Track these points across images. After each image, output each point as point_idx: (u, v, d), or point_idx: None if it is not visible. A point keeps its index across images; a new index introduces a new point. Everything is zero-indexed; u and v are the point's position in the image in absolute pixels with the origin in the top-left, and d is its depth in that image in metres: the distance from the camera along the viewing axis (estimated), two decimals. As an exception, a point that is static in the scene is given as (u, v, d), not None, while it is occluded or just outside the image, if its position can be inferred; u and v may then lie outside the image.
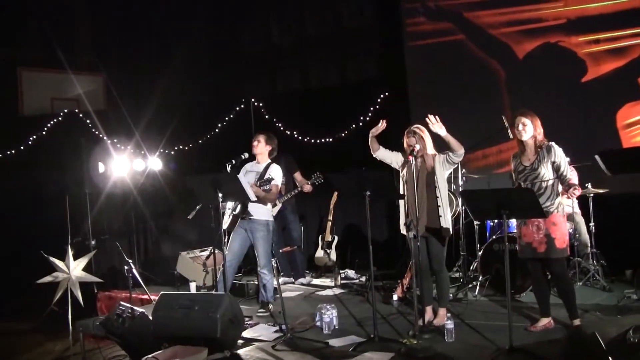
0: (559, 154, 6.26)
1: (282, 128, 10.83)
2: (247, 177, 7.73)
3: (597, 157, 5.97)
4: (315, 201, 10.49)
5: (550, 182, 6.26)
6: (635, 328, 4.35)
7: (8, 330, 8.73)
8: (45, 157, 10.62)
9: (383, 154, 7.01)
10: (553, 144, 6.32)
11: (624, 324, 4.45)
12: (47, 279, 7.52)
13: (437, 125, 6.51)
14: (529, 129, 6.33)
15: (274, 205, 8.96)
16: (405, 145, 6.74)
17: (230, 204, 7.92)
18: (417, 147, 6.60)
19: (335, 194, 9.78)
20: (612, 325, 4.48)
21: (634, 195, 6.01)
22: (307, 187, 9.18)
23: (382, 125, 6.90)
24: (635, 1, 8.78)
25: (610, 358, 4.22)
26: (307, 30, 12.23)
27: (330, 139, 10.69)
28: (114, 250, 9.02)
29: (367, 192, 6.32)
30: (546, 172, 6.26)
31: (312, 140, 10.83)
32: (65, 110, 11.38)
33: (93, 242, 9.42)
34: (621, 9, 8.88)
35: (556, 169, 6.26)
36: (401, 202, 6.76)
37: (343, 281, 9.50)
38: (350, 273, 10.01)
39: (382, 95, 10.44)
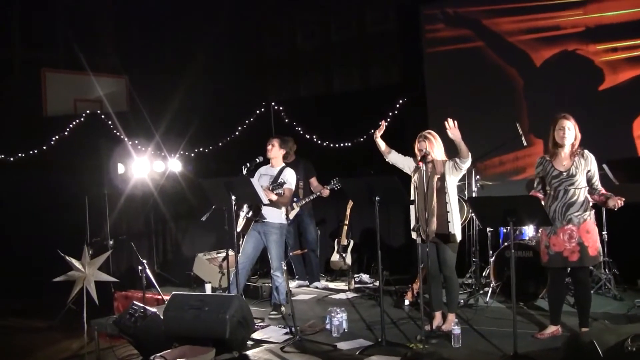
0: (594, 163, 6.25)
1: (301, 132, 10.90)
2: (261, 181, 7.83)
3: (604, 165, 6.01)
4: (333, 205, 10.55)
5: (584, 190, 6.24)
6: (634, 337, 4.36)
7: (26, 328, 8.88)
8: (67, 158, 10.73)
9: (395, 158, 7.06)
10: (587, 151, 6.29)
11: (622, 333, 4.45)
12: (63, 277, 7.65)
13: (453, 131, 6.54)
14: (572, 134, 6.28)
15: (292, 208, 9.05)
16: (415, 149, 6.79)
17: (246, 207, 8.02)
18: (428, 153, 6.65)
19: (352, 198, 9.86)
20: (612, 333, 4.49)
21: (645, 205, 6.01)
22: (325, 192, 9.27)
23: (382, 125, 6.94)
24: (653, 10, 8.77)
25: (607, 366, 4.26)
26: (330, 35, 12.28)
27: (349, 144, 10.75)
28: (131, 251, 9.13)
29: (377, 197, 6.37)
30: (582, 179, 6.22)
31: (331, 145, 10.89)
32: (87, 112, 11.52)
33: (111, 242, 9.53)
34: (639, 18, 8.84)
35: (589, 178, 6.24)
36: (411, 207, 6.81)
37: (357, 285, 9.54)
38: (365, 277, 10.05)
39: (400, 101, 10.48)
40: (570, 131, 6.27)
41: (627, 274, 8.44)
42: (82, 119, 11.41)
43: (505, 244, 8.28)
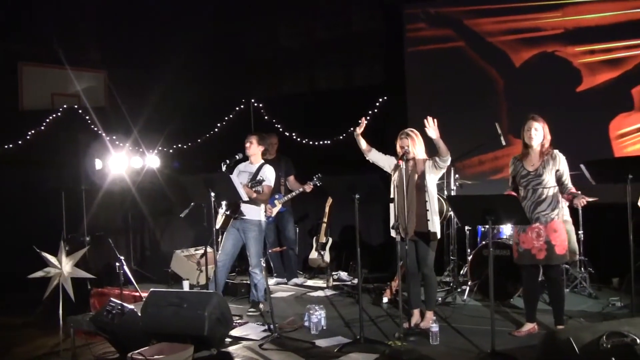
0: (563, 163, 6.33)
1: (281, 129, 10.89)
2: (240, 178, 7.82)
3: (582, 166, 6.07)
4: (311, 203, 10.55)
5: (553, 190, 6.31)
6: (609, 334, 4.40)
7: (1, 324, 8.79)
8: (44, 153, 10.64)
9: (376, 157, 7.08)
10: (557, 151, 6.37)
11: (598, 330, 4.48)
12: (39, 274, 7.56)
13: (432, 129, 6.56)
14: (540, 134, 6.37)
15: (274, 205, 9.07)
16: (397, 147, 6.81)
17: (225, 204, 8.00)
18: (409, 151, 6.67)
19: (331, 196, 9.89)
20: (587, 331, 4.52)
21: (623, 205, 6.06)
22: (308, 188, 9.26)
23: (363, 123, 6.96)
24: (631, 14, 8.84)
25: (583, 363, 4.29)
26: (314, 34, 12.26)
27: (329, 142, 10.76)
28: (109, 247, 9.06)
29: (357, 195, 6.38)
30: (550, 179, 6.31)
31: (311, 143, 10.90)
32: (65, 106, 11.44)
33: (87, 239, 9.46)
34: (617, 21, 8.95)
35: (559, 177, 6.32)
36: (391, 205, 6.83)
37: (335, 283, 9.58)
38: (343, 275, 10.08)
39: (380, 100, 10.51)
40: (537, 132, 6.38)
41: (602, 273, 8.55)
42: (60, 114, 11.31)
43: (483, 242, 8.34)
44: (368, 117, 7.05)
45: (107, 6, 12.28)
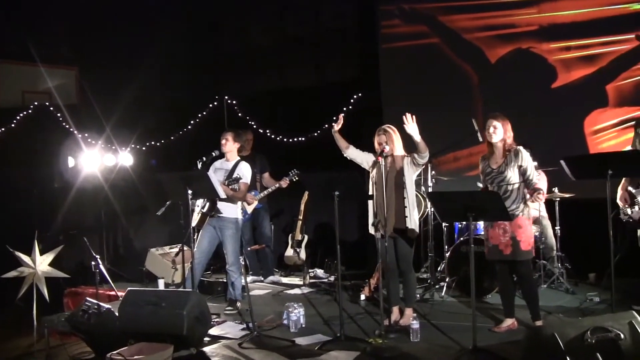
0: (526, 158, 6.35)
1: (255, 126, 10.84)
2: (216, 175, 7.75)
3: (562, 162, 6.10)
4: (287, 200, 10.51)
5: (516, 186, 6.35)
6: (593, 329, 4.41)
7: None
8: (15, 151, 10.50)
9: (353, 154, 7.04)
10: (521, 148, 6.41)
11: (582, 325, 4.49)
12: (12, 273, 7.45)
13: (411, 125, 6.54)
14: (499, 132, 6.40)
15: (250, 203, 9.02)
16: (375, 144, 6.79)
17: (200, 202, 7.92)
18: (387, 147, 6.65)
19: (307, 193, 9.86)
20: (572, 326, 4.53)
21: (599, 201, 6.09)
22: (284, 183, 9.22)
23: (340, 119, 6.93)
24: (606, 11, 8.89)
25: (568, 358, 4.29)
26: (286, 31, 12.22)
27: (303, 139, 10.74)
28: (83, 246, 8.95)
29: (336, 192, 6.34)
30: (512, 175, 6.34)
31: (285, 140, 10.87)
32: (36, 103, 11.28)
33: (61, 237, 9.34)
34: (592, 18, 8.98)
35: (522, 172, 6.35)
36: (370, 202, 6.81)
37: (312, 280, 9.56)
38: (319, 272, 10.07)
39: (355, 96, 10.49)
40: (497, 129, 6.41)
41: (579, 268, 8.60)
42: (30, 111, 11.16)
43: (461, 239, 8.35)
44: (343, 114, 7.01)
45: (78, 2, 12.11)
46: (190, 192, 6.97)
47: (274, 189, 9.35)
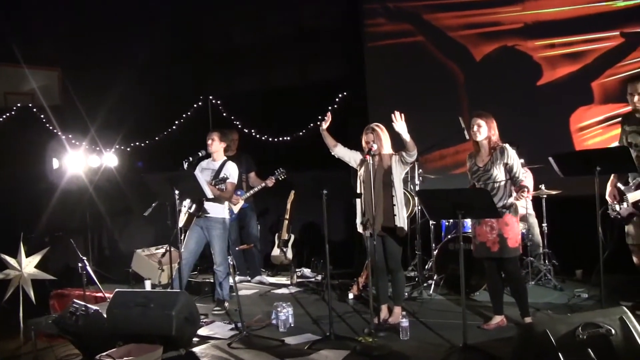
0: (511, 156, 6.35)
1: (240, 126, 10.82)
2: (203, 175, 7.71)
3: (550, 159, 6.11)
4: (273, 199, 10.49)
5: (503, 184, 6.35)
6: (584, 325, 4.42)
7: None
8: (-2, 153, 10.44)
9: (341, 152, 7.03)
10: (507, 145, 6.42)
11: (573, 321, 4.50)
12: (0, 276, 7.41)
13: (399, 124, 6.53)
14: (484, 130, 6.41)
15: (235, 203, 8.99)
16: (363, 142, 6.78)
17: (187, 202, 7.90)
18: (375, 146, 6.64)
19: (293, 192, 9.86)
20: (562, 323, 4.54)
21: (586, 197, 6.10)
22: (270, 182, 9.19)
23: (328, 118, 6.91)
24: (589, 8, 8.94)
25: (560, 355, 4.29)
26: (269, 30, 12.20)
27: (288, 138, 10.73)
28: (69, 248, 8.89)
29: (325, 191, 6.33)
30: (498, 173, 6.35)
31: (270, 139, 10.86)
32: (19, 105, 11.20)
33: (46, 239, 9.27)
34: (576, 15, 9.03)
35: (508, 170, 6.35)
36: (358, 201, 6.80)
37: (299, 279, 9.56)
38: (307, 271, 10.06)
39: (340, 95, 10.48)
40: (481, 127, 6.42)
41: (566, 265, 8.64)
42: (13, 113, 11.08)
43: (449, 236, 8.36)
44: (330, 112, 7.00)
45: (60, 3, 12.03)
46: (177, 192, 6.93)
47: (260, 189, 9.32)
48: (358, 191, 6.78)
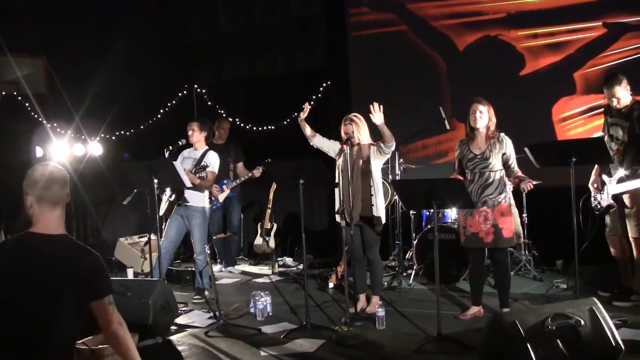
0: (510, 146, 6.35)
1: (224, 115, 10.80)
2: (184, 164, 7.73)
3: (526, 149, 6.12)
4: (256, 189, 10.48)
5: (499, 173, 6.34)
6: (553, 316, 4.44)
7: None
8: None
9: (320, 142, 7.03)
10: (504, 135, 6.39)
11: (543, 312, 4.53)
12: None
13: (377, 115, 6.51)
14: (485, 117, 6.36)
15: (223, 190, 9.00)
16: (342, 132, 6.77)
17: (168, 190, 7.90)
18: (353, 136, 6.64)
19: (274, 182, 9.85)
20: (532, 313, 4.56)
21: (567, 188, 6.09)
22: (257, 172, 9.18)
23: (306, 108, 6.91)
24: (572, -2, 8.96)
25: (528, 345, 4.32)
26: (254, 19, 12.17)
27: (273, 127, 10.73)
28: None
29: (301, 180, 6.33)
30: (496, 162, 6.33)
31: (255, 128, 10.86)
32: (3, 93, 11.17)
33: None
34: (559, 5, 9.02)
35: (505, 160, 6.34)
36: (336, 190, 6.80)
37: (281, 269, 9.56)
38: (288, 261, 10.09)
39: (324, 84, 10.48)
40: (482, 114, 6.38)
41: (545, 256, 8.67)
42: (-2, 101, 11.06)
43: (428, 226, 8.38)
44: (312, 103, 6.99)
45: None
46: (155, 181, 6.93)
47: (246, 178, 9.32)
48: (336, 181, 6.79)
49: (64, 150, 10.31)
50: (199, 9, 12.38)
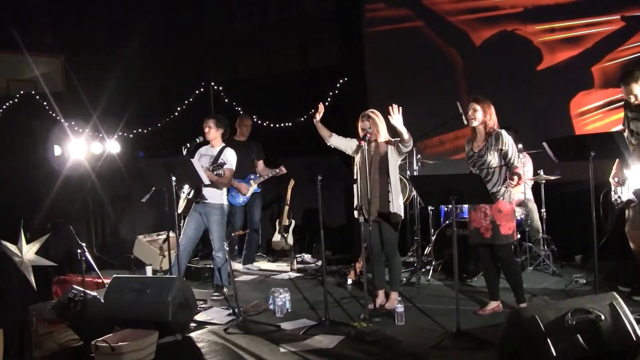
0: (507, 142, 6.33)
1: (241, 112, 10.81)
2: (201, 161, 7.76)
3: (544, 144, 6.10)
4: (274, 185, 10.49)
5: (497, 169, 6.33)
6: (573, 311, 4.43)
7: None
8: (0, 140, 10.45)
9: (337, 142, 7.03)
10: (502, 131, 6.39)
11: (562, 307, 4.52)
12: (1, 262, 7.45)
13: (396, 117, 6.46)
14: (479, 115, 6.39)
15: (250, 185, 9.04)
16: (359, 129, 6.78)
17: (186, 188, 7.92)
18: (371, 132, 6.65)
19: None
20: (552, 308, 4.55)
21: (585, 182, 6.07)
22: (284, 170, 9.15)
23: (321, 109, 6.91)
24: (589, -8, 8.89)
25: (549, 340, 4.31)
26: (269, 16, 12.18)
27: (290, 124, 10.73)
28: (70, 234, 8.93)
29: (319, 176, 6.34)
30: (492, 159, 6.33)
31: (272, 125, 10.86)
32: (22, 92, 11.24)
33: (48, 226, 9.31)
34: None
35: (503, 156, 6.34)
36: (354, 186, 6.81)
37: (299, 265, 9.57)
38: (307, 257, 10.09)
39: (340, 81, 10.47)
40: (476, 112, 6.41)
41: (564, 251, 8.62)
42: (16, 100, 11.11)
43: (447, 222, 8.37)
44: (327, 100, 6.99)
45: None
46: (174, 178, 6.96)
47: (274, 175, 9.34)
48: (355, 177, 6.79)
49: (82, 149, 10.36)
50: (214, 6, 12.40)
